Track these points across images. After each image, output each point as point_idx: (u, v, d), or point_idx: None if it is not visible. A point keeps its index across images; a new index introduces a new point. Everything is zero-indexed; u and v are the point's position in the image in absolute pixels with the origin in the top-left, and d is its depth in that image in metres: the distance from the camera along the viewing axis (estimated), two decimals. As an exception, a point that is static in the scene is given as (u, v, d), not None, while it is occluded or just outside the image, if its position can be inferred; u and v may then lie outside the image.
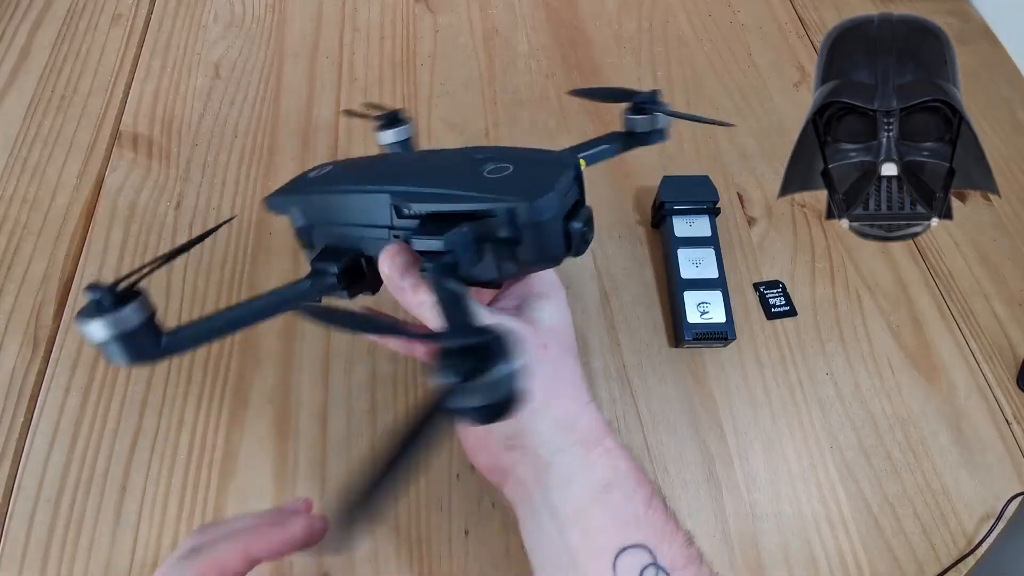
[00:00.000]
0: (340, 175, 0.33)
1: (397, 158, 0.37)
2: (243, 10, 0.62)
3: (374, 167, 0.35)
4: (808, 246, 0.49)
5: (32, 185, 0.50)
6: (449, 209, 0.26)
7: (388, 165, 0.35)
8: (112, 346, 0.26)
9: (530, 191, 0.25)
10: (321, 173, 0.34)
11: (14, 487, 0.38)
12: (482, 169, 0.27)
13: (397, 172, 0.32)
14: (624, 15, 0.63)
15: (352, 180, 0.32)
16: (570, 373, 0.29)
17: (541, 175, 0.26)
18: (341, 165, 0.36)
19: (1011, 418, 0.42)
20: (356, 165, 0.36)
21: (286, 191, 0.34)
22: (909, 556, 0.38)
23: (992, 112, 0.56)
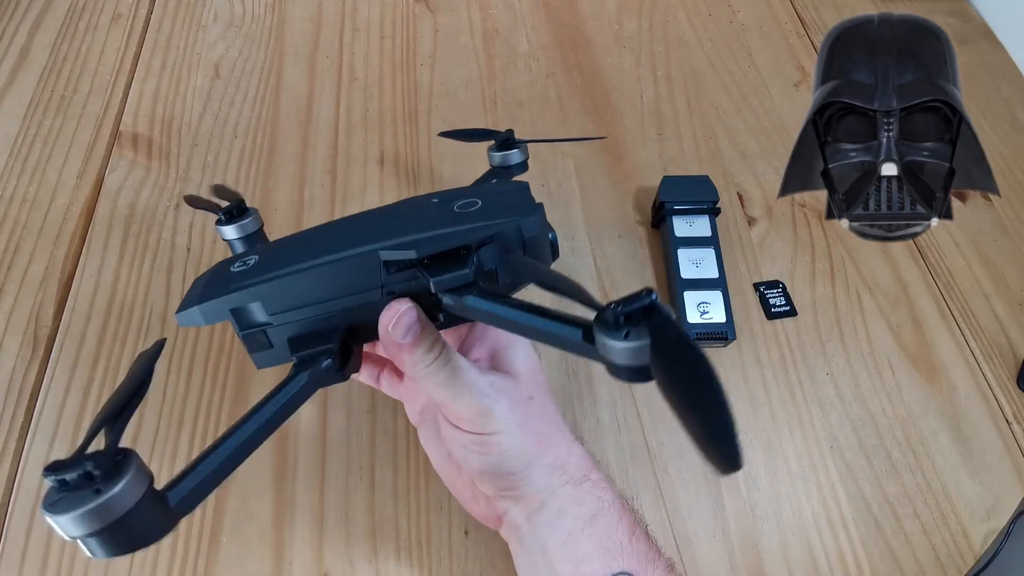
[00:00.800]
0: (290, 254, 0.29)
1: (341, 224, 0.33)
2: (243, 10, 0.62)
3: (329, 236, 0.31)
4: (808, 246, 0.49)
5: (32, 185, 0.50)
6: (457, 243, 0.26)
7: (345, 229, 0.31)
8: (100, 539, 0.18)
9: (519, 211, 0.28)
10: (254, 262, 0.29)
11: (14, 487, 0.38)
12: (451, 207, 0.29)
13: (364, 231, 0.29)
14: (624, 15, 0.63)
15: (317, 252, 0.28)
16: (555, 415, 0.31)
17: (510, 200, 0.29)
18: (272, 248, 0.31)
19: (1011, 418, 0.42)
20: (300, 241, 0.32)
21: (213, 294, 0.27)
22: (909, 556, 0.38)
23: (992, 112, 0.56)
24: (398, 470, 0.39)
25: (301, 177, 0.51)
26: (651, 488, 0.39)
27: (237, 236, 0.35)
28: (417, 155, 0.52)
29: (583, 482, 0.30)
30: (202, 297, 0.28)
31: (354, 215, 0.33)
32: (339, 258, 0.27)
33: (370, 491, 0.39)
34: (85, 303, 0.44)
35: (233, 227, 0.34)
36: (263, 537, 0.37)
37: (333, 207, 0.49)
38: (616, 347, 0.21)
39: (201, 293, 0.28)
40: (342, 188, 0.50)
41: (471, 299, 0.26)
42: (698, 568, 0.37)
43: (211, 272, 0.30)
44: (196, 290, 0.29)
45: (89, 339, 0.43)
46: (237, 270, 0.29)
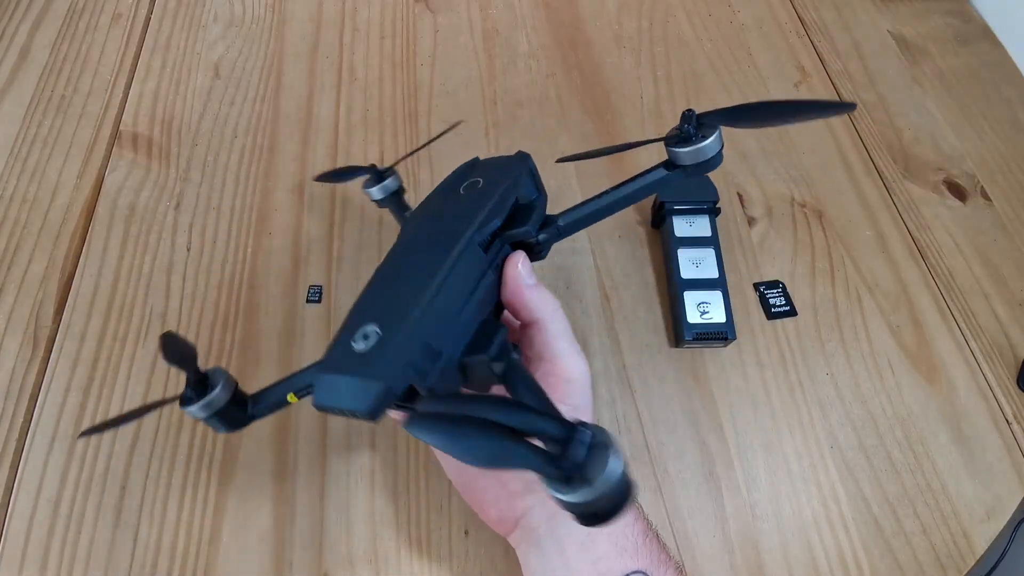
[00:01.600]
0: (401, 297, 0.28)
1: (402, 252, 0.32)
2: (243, 10, 0.62)
3: (407, 264, 0.30)
4: (808, 246, 0.49)
5: (32, 185, 0.50)
6: (511, 199, 0.31)
7: (413, 251, 0.31)
8: (211, 421, 0.30)
9: (514, 162, 0.33)
10: (374, 332, 0.26)
11: (14, 487, 0.38)
12: (464, 194, 0.32)
13: (436, 241, 0.30)
14: (624, 15, 0.63)
15: (423, 278, 0.28)
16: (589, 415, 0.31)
17: (498, 162, 0.34)
18: (365, 313, 0.28)
19: (1011, 418, 0.42)
20: (388, 289, 0.29)
21: (434, 411, 0.23)
22: (909, 556, 0.38)
23: (992, 112, 0.56)
24: (398, 470, 0.39)
25: (301, 177, 0.51)
26: (651, 488, 0.39)
27: (382, 195, 0.40)
28: (417, 155, 0.52)
29: None
30: (415, 417, 0.23)
31: (400, 244, 0.33)
32: (449, 264, 0.28)
33: (370, 491, 0.39)
34: (85, 303, 0.44)
35: (378, 188, 0.39)
36: (263, 537, 0.37)
37: (333, 207, 0.49)
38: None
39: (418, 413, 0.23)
40: (342, 188, 0.50)
41: (562, 219, 0.32)
42: (698, 568, 0.37)
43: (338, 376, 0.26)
44: (347, 393, 0.25)
45: (89, 339, 0.43)
46: (366, 347, 0.26)
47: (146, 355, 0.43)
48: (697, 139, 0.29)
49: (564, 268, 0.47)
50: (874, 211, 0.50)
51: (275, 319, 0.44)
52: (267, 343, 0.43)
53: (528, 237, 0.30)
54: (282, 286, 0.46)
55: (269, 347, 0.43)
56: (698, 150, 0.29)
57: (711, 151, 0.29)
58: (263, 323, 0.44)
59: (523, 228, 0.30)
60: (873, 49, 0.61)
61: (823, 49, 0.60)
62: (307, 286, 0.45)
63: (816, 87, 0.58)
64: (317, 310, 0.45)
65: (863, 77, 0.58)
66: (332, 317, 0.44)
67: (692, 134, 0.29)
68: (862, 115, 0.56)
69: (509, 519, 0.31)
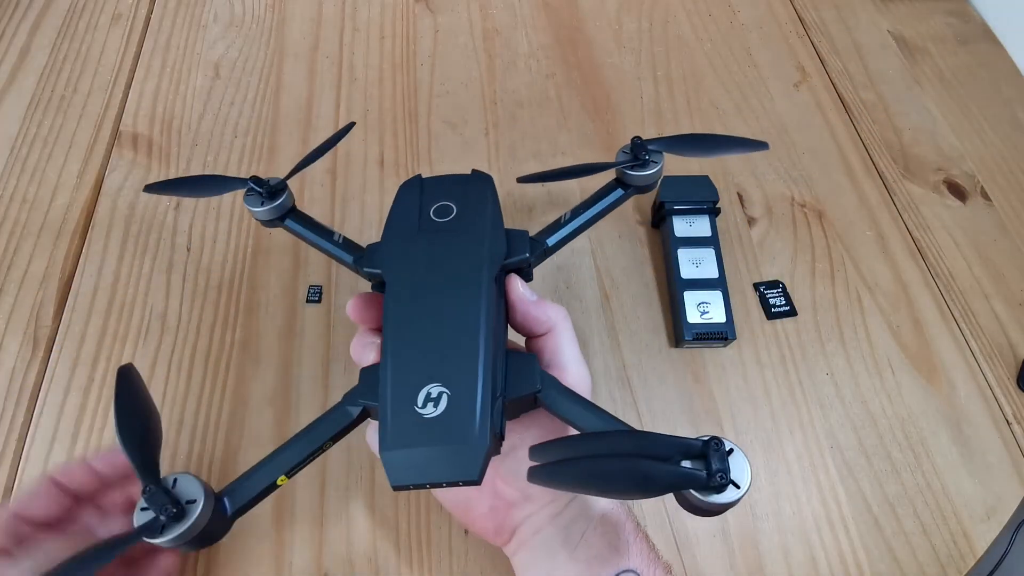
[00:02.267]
0: (455, 349, 0.27)
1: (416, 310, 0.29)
2: (243, 10, 0.62)
3: (432, 318, 0.28)
4: (808, 246, 0.49)
5: (32, 185, 0.50)
6: (500, 228, 0.32)
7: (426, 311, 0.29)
8: (186, 547, 0.25)
9: (482, 183, 0.33)
10: (443, 395, 0.26)
11: (14, 487, 0.38)
12: (441, 223, 0.31)
13: (445, 299, 0.28)
14: (624, 15, 0.63)
15: (472, 328, 0.27)
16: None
17: (466, 186, 0.33)
18: (416, 370, 0.27)
19: (1011, 418, 0.42)
20: (434, 345, 0.27)
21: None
22: (909, 556, 0.38)
23: (992, 112, 0.56)
24: (398, 470, 0.39)
25: (301, 177, 0.51)
26: (651, 488, 0.39)
27: (274, 216, 0.35)
28: (417, 155, 0.52)
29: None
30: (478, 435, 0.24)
31: (405, 291, 0.29)
32: (485, 308, 0.27)
33: (370, 491, 0.39)
34: (85, 303, 0.44)
35: (269, 209, 0.35)
36: (263, 537, 0.37)
37: (333, 207, 0.49)
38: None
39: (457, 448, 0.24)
40: (342, 188, 0.50)
41: (549, 240, 0.34)
42: (698, 568, 0.37)
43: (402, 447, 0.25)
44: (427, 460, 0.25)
45: (89, 339, 0.43)
46: (439, 411, 0.25)
47: (146, 355, 0.43)
48: (649, 165, 0.34)
49: (564, 268, 0.47)
50: (874, 211, 0.50)
51: (275, 319, 0.44)
52: (267, 343, 0.43)
53: (525, 264, 0.32)
54: (282, 286, 0.46)
55: (269, 347, 0.43)
56: (648, 175, 0.35)
57: (658, 175, 0.35)
58: (263, 323, 0.44)
59: (523, 255, 0.31)
60: (873, 49, 0.61)
61: (823, 49, 0.60)
62: (307, 286, 0.45)
63: (816, 87, 0.58)
64: (317, 310, 0.45)
65: (863, 77, 0.58)
66: (332, 317, 0.44)
67: (645, 159, 0.34)
68: (862, 115, 0.56)
69: (506, 530, 0.32)
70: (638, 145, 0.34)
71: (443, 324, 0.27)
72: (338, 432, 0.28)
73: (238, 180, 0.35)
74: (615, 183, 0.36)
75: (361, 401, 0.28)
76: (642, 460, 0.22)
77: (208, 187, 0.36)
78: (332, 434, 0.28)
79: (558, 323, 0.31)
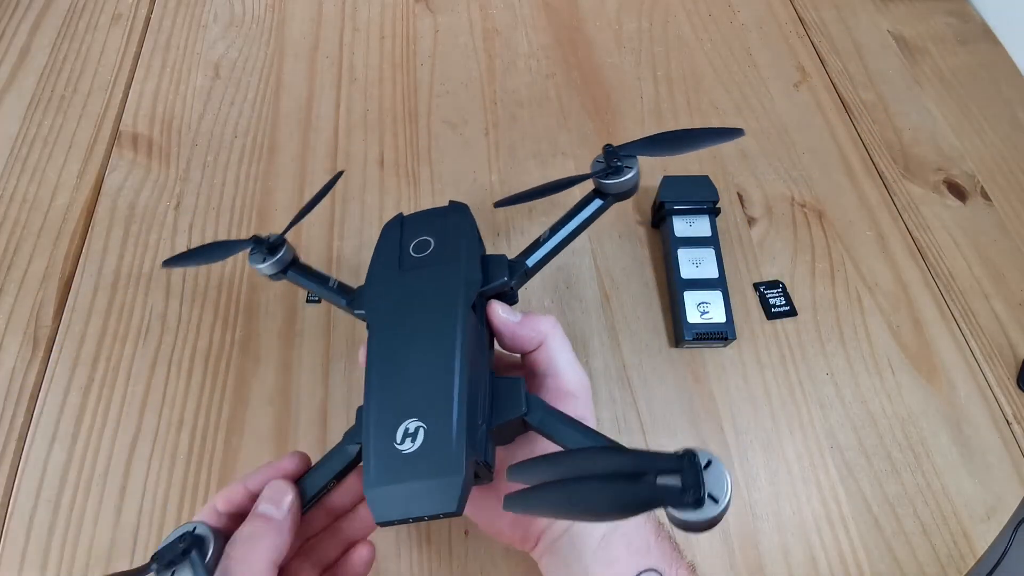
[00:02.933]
0: (428, 383, 0.27)
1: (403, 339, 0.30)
2: (243, 10, 0.62)
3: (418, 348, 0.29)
4: (808, 246, 0.49)
5: (32, 185, 0.50)
6: (477, 254, 0.32)
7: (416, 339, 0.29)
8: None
9: (459, 213, 0.34)
10: (420, 431, 0.26)
11: (14, 487, 0.38)
12: (419, 258, 0.32)
13: (432, 313, 0.29)
14: (624, 15, 0.63)
15: (447, 358, 0.27)
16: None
17: (447, 218, 0.34)
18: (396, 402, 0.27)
19: (1011, 418, 0.42)
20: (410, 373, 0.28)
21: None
22: (909, 556, 0.38)
23: (992, 112, 0.56)
24: (398, 470, 0.39)
25: (301, 177, 0.51)
26: (651, 488, 0.39)
27: (276, 270, 0.36)
28: (417, 155, 0.52)
29: None
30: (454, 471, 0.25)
31: (385, 332, 0.30)
32: (460, 339, 0.28)
33: (370, 491, 0.39)
34: (85, 303, 0.44)
35: (270, 264, 0.35)
36: (263, 537, 0.37)
37: (333, 207, 0.49)
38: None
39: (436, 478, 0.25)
40: (342, 188, 0.50)
41: (529, 260, 0.33)
42: (698, 568, 0.37)
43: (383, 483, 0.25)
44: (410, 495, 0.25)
45: (89, 339, 0.43)
46: (416, 446, 0.25)
47: (146, 355, 0.43)
48: (623, 171, 0.33)
49: (564, 268, 0.47)
50: (874, 211, 0.50)
51: (275, 319, 0.44)
52: (267, 343, 0.43)
53: (506, 288, 0.32)
54: (282, 286, 0.45)
55: (269, 347, 0.43)
56: (623, 181, 0.34)
57: (633, 180, 0.34)
58: (263, 323, 0.44)
59: (501, 280, 0.31)
60: (873, 49, 0.61)
61: (823, 49, 0.60)
62: (307, 286, 0.45)
63: (816, 87, 0.58)
64: (317, 310, 0.45)
65: (863, 77, 0.58)
66: (332, 317, 0.44)
67: (619, 167, 0.33)
68: (862, 115, 0.56)
69: (531, 537, 0.32)
70: (610, 153, 0.33)
71: (420, 359, 0.27)
72: (340, 471, 0.28)
73: (243, 242, 0.36)
74: (593, 193, 0.35)
75: (358, 440, 0.28)
76: (616, 481, 0.21)
77: (218, 252, 0.38)
78: (335, 473, 0.28)
79: (547, 334, 0.32)
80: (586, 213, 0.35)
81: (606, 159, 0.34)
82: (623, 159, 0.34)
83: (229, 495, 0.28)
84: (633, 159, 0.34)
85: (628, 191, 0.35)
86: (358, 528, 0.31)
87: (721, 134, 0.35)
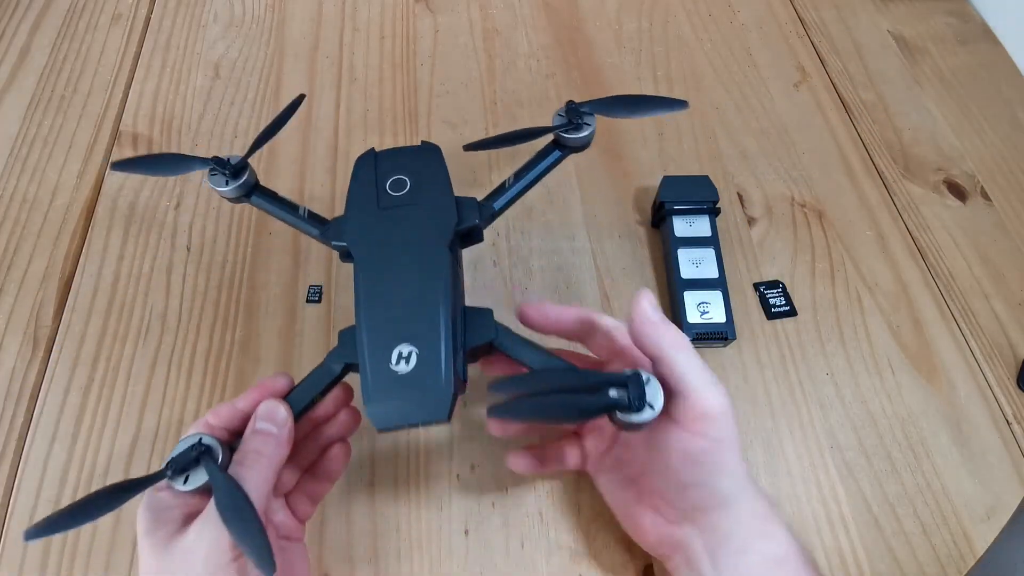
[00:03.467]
0: (408, 307, 0.31)
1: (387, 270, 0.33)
2: (243, 10, 0.62)
3: (401, 272, 0.32)
4: (808, 246, 0.49)
5: (32, 185, 0.50)
6: (450, 194, 0.35)
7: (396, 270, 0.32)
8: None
9: (431, 152, 0.36)
10: (414, 355, 0.30)
11: (14, 487, 0.38)
12: (394, 192, 0.35)
13: (416, 248, 0.33)
14: (624, 15, 0.63)
15: (430, 287, 0.31)
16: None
17: (419, 157, 0.36)
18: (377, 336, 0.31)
19: (1011, 418, 0.42)
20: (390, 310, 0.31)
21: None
22: (909, 556, 0.38)
23: (992, 112, 0.56)
24: (398, 470, 0.39)
25: (301, 177, 0.51)
26: (651, 488, 0.39)
27: (239, 193, 0.37)
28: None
29: (769, 523, 0.30)
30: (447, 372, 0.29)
31: (371, 262, 0.33)
32: (444, 274, 0.31)
33: (370, 491, 0.39)
34: (85, 303, 0.44)
35: (234, 187, 0.36)
36: (263, 537, 0.37)
37: (333, 207, 0.49)
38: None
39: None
40: (342, 188, 0.50)
41: (495, 203, 0.37)
42: (698, 568, 0.37)
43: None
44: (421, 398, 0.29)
45: (89, 339, 0.43)
46: (410, 367, 0.29)
47: (146, 355, 0.43)
48: (583, 127, 0.36)
49: (564, 268, 0.47)
50: (874, 211, 0.50)
51: (275, 319, 0.44)
52: (267, 343, 0.43)
53: (476, 228, 0.35)
54: (282, 286, 0.46)
55: (269, 347, 0.43)
56: (582, 136, 0.37)
57: (590, 136, 0.37)
58: (263, 323, 0.44)
59: (472, 222, 0.34)
60: (873, 49, 0.61)
61: (823, 49, 0.60)
62: (307, 286, 0.45)
63: (816, 87, 0.58)
64: (317, 310, 0.45)
65: (863, 77, 0.58)
66: (332, 317, 0.44)
67: (580, 123, 0.36)
68: (862, 115, 0.56)
69: (667, 544, 0.32)
70: (572, 109, 0.36)
71: (408, 291, 0.31)
72: (325, 388, 0.32)
73: (201, 159, 0.36)
74: (552, 145, 0.38)
75: (342, 360, 0.32)
76: (579, 393, 0.27)
77: (172, 165, 0.38)
78: (320, 390, 0.32)
79: (668, 351, 0.29)
80: (546, 163, 0.38)
81: (568, 115, 0.36)
82: (584, 116, 0.37)
83: (219, 411, 0.31)
84: (592, 116, 0.37)
85: (584, 145, 0.38)
86: (335, 432, 0.35)
87: (666, 104, 0.37)
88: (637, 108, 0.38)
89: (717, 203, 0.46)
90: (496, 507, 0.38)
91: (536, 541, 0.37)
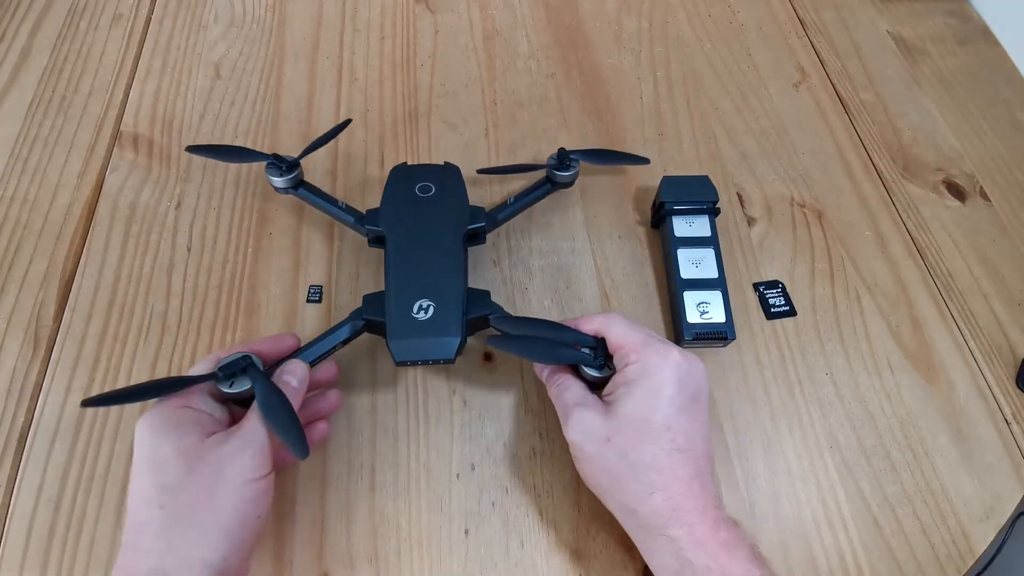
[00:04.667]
0: (429, 272, 0.39)
1: (403, 251, 0.41)
2: (243, 10, 0.62)
3: (422, 249, 0.40)
4: (808, 246, 0.49)
5: (33, 185, 0.50)
6: (466, 199, 0.44)
7: (417, 245, 0.41)
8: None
9: (453, 170, 0.45)
10: (430, 305, 0.38)
11: (15, 487, 0.38)
12: (424, 194, 0.43)
13: (440, 235, 0.41)
14: (624, 15, 0.63)
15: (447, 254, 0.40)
16: (639, 461, 0.32)
17: (445, 173, 0.44)
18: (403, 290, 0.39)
19: (1011, 418, 0.42)
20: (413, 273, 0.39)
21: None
22: (908, 556, 0.38)
23: (992, 112, 0.56)
24: (398, 470, 0.39)
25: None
26: (651, 488, 0.39)
27: (288, 186, 0.44)
28: (417, 155, 0.52)
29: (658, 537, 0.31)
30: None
31: (402, 241, 0.41)
32: (460, 255, 0.40)
33: (370, 491, 0.39)
34: (86, 303, 0.45)
35: (285, 179, 0.44)
36: (263, 536, 0.37)
37: (333, 207, 0.49)
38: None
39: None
40: (342, 188, 0.50)
41: (499, 214, 0.45)
42: (698, 568, 0.37)
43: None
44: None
45: (90, 339, 0.43)
46: (428, 316, 0.37)
47: (147, 355, 0.43)
48: (570, 168, 0.46)
49: (564, 268, 0.47)
50: (874, 211, 0.51)
51: (275, 319, 0.44)
52: (267, 343, 0.43)
53: (483, 229, 0.43)
54: (282, 286, 0.46)
55: (269, 347, 0.43)
56: (567, 176, 0.46)
57: (574, 176, 0.47)
58: (263, 323, 0.44)
59: (480, 223, 0.42)
60: (873, 49, 0.61)
61: (823, 49, 0.61)
62: (307, 286, 0.46)
63: (815, 87, 0.58)
64: (317, 310, 0.45)
65: (863, 77, 0.59)
66: (332, 317, 0.44)
67: (568, 164, 0.46)
68: (861, 115, 0.56)
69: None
70: (563, 154, 0.46)
71: (429, 262, 0.39)
72: (348, 338, 0.39)
73: (262, 154, 0.44)
74: (545, 179, 0.47)
75: (365, 317, 0.38)
76: (557, 344, 0.35)
77: (239, 156, 0.46)
78: (343, 339, 0.38)
79: (603, 327, 0.36)
80: (538, 193, 0.47)
81: (559, 158, 0.46)
82: (571, 160, 0.46)
83: (233, 350, 0.35)
84: (577, 161, 0.47)
85: (569, 182, 0.48)
86: (323, 408, 0.38)
87: (632, 159, 0.50)
88: (608, 159, 0.51)
89: (717, 203, 0.46)
90: (496, 507, 0.38)
91: (536, 541, 0.38)
